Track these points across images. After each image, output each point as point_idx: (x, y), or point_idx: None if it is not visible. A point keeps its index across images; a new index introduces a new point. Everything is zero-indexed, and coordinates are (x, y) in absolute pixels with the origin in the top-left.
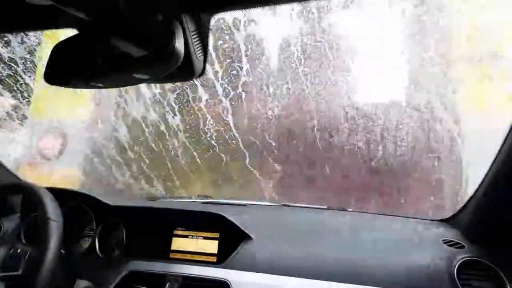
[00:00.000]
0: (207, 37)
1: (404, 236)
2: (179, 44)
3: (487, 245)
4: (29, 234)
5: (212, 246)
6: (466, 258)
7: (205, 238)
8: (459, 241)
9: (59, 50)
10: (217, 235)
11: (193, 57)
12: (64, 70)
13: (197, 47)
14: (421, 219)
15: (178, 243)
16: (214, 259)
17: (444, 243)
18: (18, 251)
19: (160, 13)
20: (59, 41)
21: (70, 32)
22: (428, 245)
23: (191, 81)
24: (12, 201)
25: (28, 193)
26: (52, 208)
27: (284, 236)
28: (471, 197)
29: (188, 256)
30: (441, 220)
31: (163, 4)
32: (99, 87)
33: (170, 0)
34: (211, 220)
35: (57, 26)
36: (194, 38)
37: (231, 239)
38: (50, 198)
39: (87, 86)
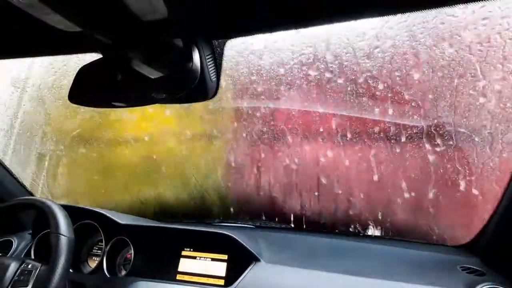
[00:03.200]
0: (220, 60)
1: (420, 262)
2: (195, 66)
3: (509, 272)
4: (40, 251)
5: (220, 268)
6: (487, 286)
7: (213, 259)
8: (479, 268)
9: (84, 72)
10: (225, 256)
11: (207, 79)
12: (88, 91)
13: (211, 70)
14: (436, 244)
15: (185, 264)
16: (221, 282)
17: (463, 270)
18: (29, 266)
19: (179, 38)
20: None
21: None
22: (446, 273)
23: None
24: (24, 217)
25: (42, 209)
26: (65, 225)
27: (294, 259)
28: (488, 222)
29: (195, 278)
30: (458, 246)
31: (182, 30)
32: (120, 107)
33: (188, 26)
34: (219, 241)
35: (83, 50)
36: (208, 62)
37: (239, 261)
38: (63, 215)
39: (109, 105)
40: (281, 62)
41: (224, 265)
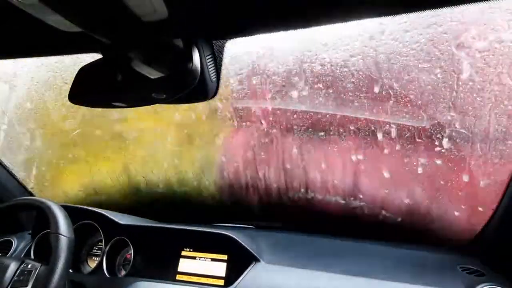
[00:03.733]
0: (221, 61)
1: (420, 263)
2: (195, 67)
3: (509, 273)
4: (40, 251)
5: (219, 269)
6: (487, 287)
7: (212, 260)
8: (479, 269)
9: (84, 72)
10: (225, 257)
11: (207, 80)
12: (88, 91)
13: (211, 70)
14: (436, 244)
15: (185, 264)
16: (221, 282)
17: (463, 270)
18: (29, 266)
19: (179, 38)
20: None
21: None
22: (446, 273)
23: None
24: (24, 217)
25: (42, 209)
26: (65, 225)
27: (294, 259)
28: (488, 222)
29: (195, 279)
30: (458, 247)
31: (182, 30)
32: (120, 107)
33: (188, 26)
34: (219, 241)
35: (83, 50)
36: (208, 62)
37: (239, 261)
38: (63, 215)
39: (109, 106)
40: (281, 62)
41: (224, 265)
